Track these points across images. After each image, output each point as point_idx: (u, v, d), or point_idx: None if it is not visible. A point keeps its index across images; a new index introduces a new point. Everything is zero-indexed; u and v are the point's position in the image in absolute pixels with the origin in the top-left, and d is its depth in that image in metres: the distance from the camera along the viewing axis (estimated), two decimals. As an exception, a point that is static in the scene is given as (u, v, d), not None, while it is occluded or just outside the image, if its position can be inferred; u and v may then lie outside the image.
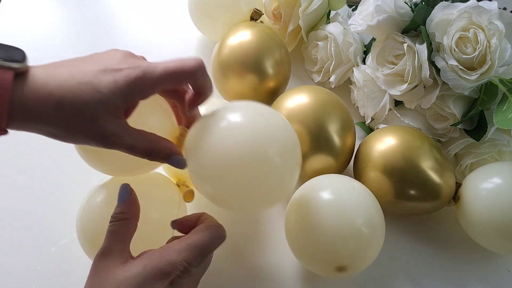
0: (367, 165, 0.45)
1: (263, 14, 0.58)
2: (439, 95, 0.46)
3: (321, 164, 0.46)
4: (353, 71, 0.55)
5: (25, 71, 0.28)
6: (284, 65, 0.53)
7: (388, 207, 0.45)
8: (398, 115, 0.50)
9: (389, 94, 0.50)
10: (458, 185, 0.45)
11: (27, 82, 0.28)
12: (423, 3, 0.48)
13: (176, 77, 0.31)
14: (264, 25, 0.56)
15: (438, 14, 0.45)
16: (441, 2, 0.46)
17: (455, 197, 0.44)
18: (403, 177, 0.43)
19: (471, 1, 0.45)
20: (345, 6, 0.60)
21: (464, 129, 0.47)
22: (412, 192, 0.43)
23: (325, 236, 0.37)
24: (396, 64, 0.48)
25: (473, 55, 0.43)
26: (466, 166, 0.49)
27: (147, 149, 0.32)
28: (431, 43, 0.46)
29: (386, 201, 0.44)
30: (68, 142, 0.30)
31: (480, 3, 0.44)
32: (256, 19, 0.57)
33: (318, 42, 0.57)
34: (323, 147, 0.45)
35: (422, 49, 0.46)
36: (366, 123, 0.54)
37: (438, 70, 0.45)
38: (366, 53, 0.57)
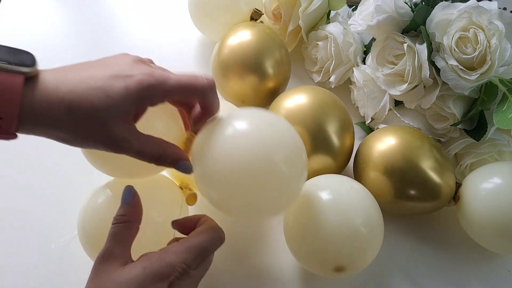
0: (367, 165, 0.45)
1: (263, 14, 0.58)
2: (439, 95, 0.46)
3: (319, 164, 0.46)
4: (353, 71, 0.55)
5: (35, 75, 0.28)
6: (284, 65, 0.53)
7: (388, 207, 0.45)
8: (398, 115, 0.50)
9: (389, 94, 0.50)
10: (458, 185, 0.45)
11: (38, 87, 0.28)
12: (423, 3, 0.48)
13: (186, 92, 0.31)
14: (264, 25, 0.56)
15: (438, 14, 0.45)
16: (441, 2, 0.46)
17: (455, 197, 0.44)
18: (403, 177, 0.43)
19: (471, 1, 0.45)
20: (345, 6, 0.60)
21: (464, 129, 0.47)
22: (412, 192, 0.43)
23: (323, 236, 0.37)
24: (396, 64, 0.48)
25: (473, 55, 0.43)
26: (466, 166, 0.49)
27: (156, 154, 0.32)
28: (431, 43, 0.46)
29: (386, 201, 0.44)
30: (76, 146, 0.30)
31: (480, 3, 0.44)
32: (256, 19, 0.57)
33: (318, 42, 0.57)
34: (322, 147, 0.45)
35: (422, 49, 0.46)
36: (366, 123, 0.54)
37: (438, 70, 0.45)
38: (366, 53, 0.57)
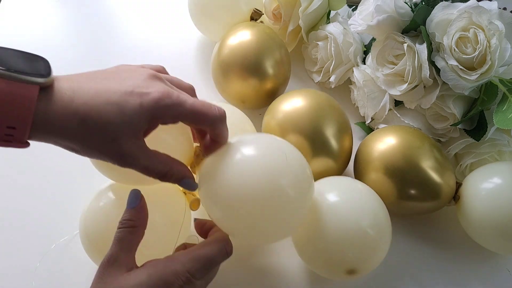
0: (367, 165, 0.45)
1: (263, 14, 0.58)
2: (439, 95, 0.46)
3: (321, 166, 0.46)
4: (353, 71, 0.55)
5: (50, 85, 0.28)
6: (284, 65, 0.53)
7: (389, 207, 0.45)
8: (398, 115, 0.50)
9: (389, 94, 0.50)
10: (458, 185, 0.45)
11: (52, 98, 0.27)
12: (423, 3, 0.48)
13: (198, 119, 0.32)
14: (264, 25, 0.56)
15: (438, 14, 0.45)
16: (441, 2, 0.46)
17: (455, 197, 0.45)
18: (403, 177, 0.43)
19: (471, 1, 0.45)
20: (345, 6, 0.60)
21: (464, 129, 0.47)
22: (413, 192, 0.43)
23: (334, 239, 0.37)
24: (396, 64, 0.48)
25: (473, 55, 0.43)
26: (466, 166, 0.49)
27: (161, 171, 0.32)
28: (431, 43, 0.46)
29: (386, 201, 0.44)
30: (84, 156, 0.30)
31: (480, 3, 0.44)
32: (256, 19, 0.57)
33: (318, 42, 0.57)
34: (321, 151, 0.45)
35: (422, 49, 0.46)
36: (366, 123, 0.54)
37: (438, 70, 0.45)
38: (366, 53, 0.57)
